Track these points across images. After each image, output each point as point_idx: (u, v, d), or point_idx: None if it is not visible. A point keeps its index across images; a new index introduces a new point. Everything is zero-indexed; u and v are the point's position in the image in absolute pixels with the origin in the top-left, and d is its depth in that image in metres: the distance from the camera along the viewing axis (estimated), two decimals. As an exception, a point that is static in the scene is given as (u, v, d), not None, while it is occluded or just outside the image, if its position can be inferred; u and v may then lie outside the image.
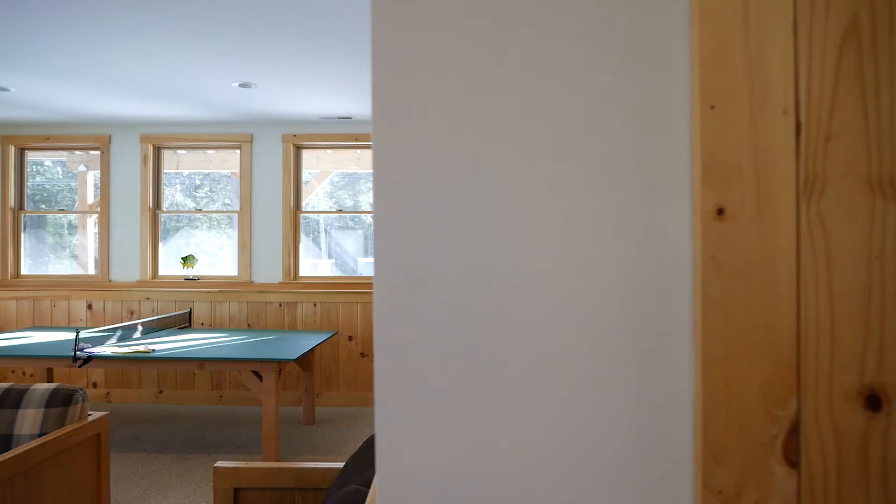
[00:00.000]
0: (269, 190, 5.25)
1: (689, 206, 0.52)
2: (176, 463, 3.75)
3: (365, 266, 5.72)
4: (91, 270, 5.49)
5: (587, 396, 0.50)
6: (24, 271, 5.40)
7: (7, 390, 2.62)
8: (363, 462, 1.82)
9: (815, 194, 0.50)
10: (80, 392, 2.64)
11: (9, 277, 5.29)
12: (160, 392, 5.16)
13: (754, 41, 0.50)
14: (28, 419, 2.54)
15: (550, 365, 0.50)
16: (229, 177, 6.02)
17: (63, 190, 5.86)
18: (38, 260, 5.53)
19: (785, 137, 0.49)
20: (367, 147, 5.41)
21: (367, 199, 5.91)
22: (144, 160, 5.27)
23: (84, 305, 5.21)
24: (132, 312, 5.19)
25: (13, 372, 5.26)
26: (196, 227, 5.59)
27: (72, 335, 4.39)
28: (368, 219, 5.83)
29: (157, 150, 5.38)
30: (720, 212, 0.50)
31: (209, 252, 5.54)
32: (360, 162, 5.85)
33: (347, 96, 4.40)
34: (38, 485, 2.33)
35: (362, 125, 5.25)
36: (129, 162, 5.29)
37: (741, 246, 0.50)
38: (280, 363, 3.61)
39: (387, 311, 0.51)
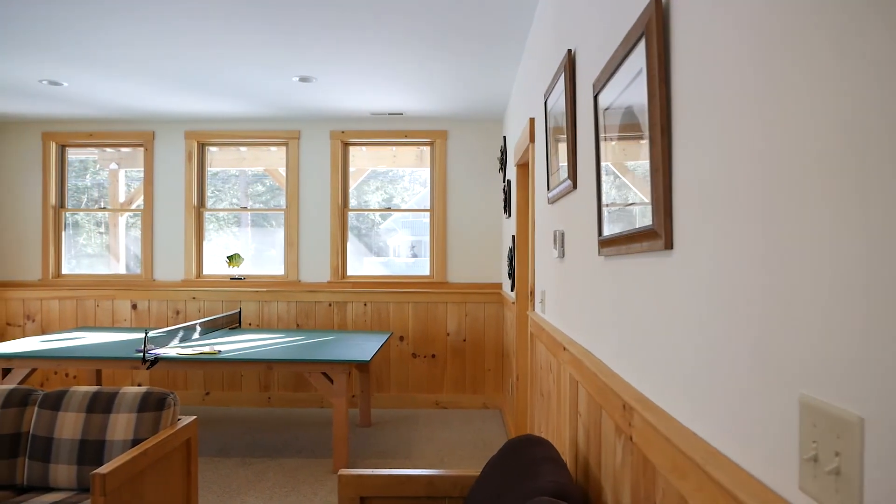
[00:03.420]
0: (315, 187, 5.15)
1: None
2: (242, 468, 3.65)
3: (369, 265, 5.62)
4: (123, 269, 5.37)
5: None
6: (64, 270, 5.29)
7: (96, 394, 2.52)
8: (517, 470, 1.72)
9: None
10: (171, 396, 2.54)
11: (50, 277, 5.17)
12: (207, 394, 5.06)
13: None
14: (120, 424, 2.43)
15: None
16: (237, 175, 5.89)
17: (69, 190, 5.71)
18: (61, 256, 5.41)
19: None
20: (417, 143, 5.30)
21: (375, 199, 5.82)
22: (189, 157, 5.16)
23: (128, 305, 5.09)
24: (178, 313, 5.08)
25: (56, 373, 5.15)
26: (205, 229, 5.45)
27: (121, 336, 4.28)
28: (377, 217, 5.75)
29: (202, 147, 5.26)
30: None
31: (215, 251, 5.40)
32: (395, 160, 5.75)
33: (402, 91, 4.30)
34: (140, 493, 2.23)
35: (414, 122, 5.14)
36: (172, 159, 5.18)
37: None
38: (349, 364, 3.51)
39: None
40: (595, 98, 1.56)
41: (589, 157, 1.74)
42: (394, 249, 6.01)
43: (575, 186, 1.93)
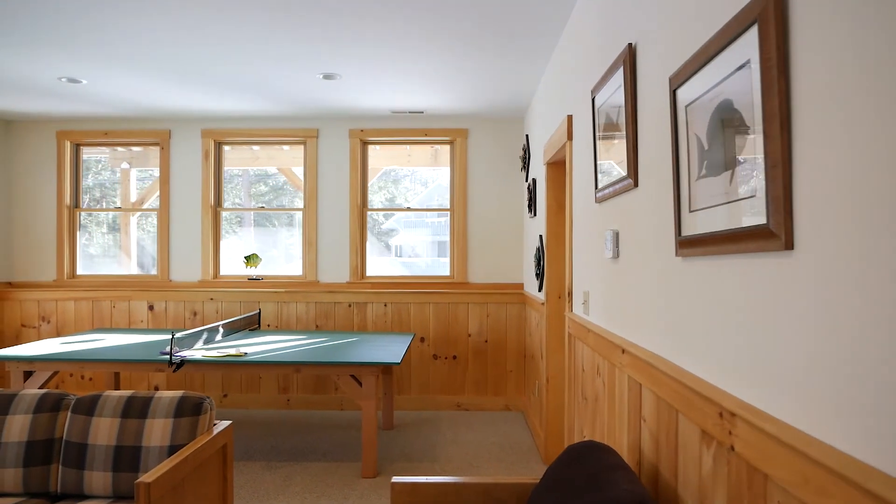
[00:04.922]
0: (334, 187, 5.08)
1: None
2: (269, 472, 3.59)
3: (373, 264, 5.56)
4: (135, 270, 5.30)
5: None
6: (78, 271, 5.22)
7: (130, 399, 2.46)
8: (585, 479, 1.66)
9: None
10: (208, 400, 2.48)
11: (65, 277, 5.10)
12: (225, 395, 4.99)
13: None
14: (157, 430, 2.37)
15: None
16: (240, 175, 5.83)
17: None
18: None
19: None
20: (437, 142, 5.23)
21: (378, 199, 5.76)
22: (206, 156, 5.09)
23: (145, 306, 5.03)
24: (195, 314, 5.01)
25: (71, 376, 5.08)
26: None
27: (140, 337, 4.22)
28: (380, 217, 5.69)
29: (218, 146, 5.20)
30: None
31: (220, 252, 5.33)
32: (410, 159, 5.68)
33: (424, 88, 4.24)
34: (180, 500, 2.17)
35: (434, 120, 5.08)
36: (189, 158, 5.11)
37: None
38: (378, 367, 3.45)
39: None
40: (673, 92, 1.49)
41: (657, 154, 1.68)
42: (396, 249, 5.97)
43: (636, 184, 1.87)
